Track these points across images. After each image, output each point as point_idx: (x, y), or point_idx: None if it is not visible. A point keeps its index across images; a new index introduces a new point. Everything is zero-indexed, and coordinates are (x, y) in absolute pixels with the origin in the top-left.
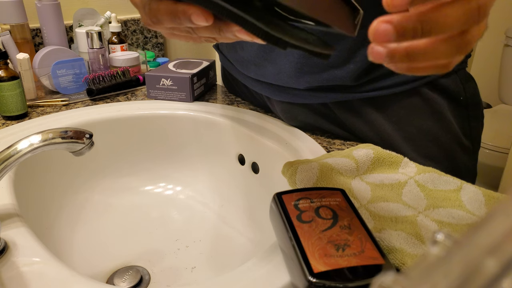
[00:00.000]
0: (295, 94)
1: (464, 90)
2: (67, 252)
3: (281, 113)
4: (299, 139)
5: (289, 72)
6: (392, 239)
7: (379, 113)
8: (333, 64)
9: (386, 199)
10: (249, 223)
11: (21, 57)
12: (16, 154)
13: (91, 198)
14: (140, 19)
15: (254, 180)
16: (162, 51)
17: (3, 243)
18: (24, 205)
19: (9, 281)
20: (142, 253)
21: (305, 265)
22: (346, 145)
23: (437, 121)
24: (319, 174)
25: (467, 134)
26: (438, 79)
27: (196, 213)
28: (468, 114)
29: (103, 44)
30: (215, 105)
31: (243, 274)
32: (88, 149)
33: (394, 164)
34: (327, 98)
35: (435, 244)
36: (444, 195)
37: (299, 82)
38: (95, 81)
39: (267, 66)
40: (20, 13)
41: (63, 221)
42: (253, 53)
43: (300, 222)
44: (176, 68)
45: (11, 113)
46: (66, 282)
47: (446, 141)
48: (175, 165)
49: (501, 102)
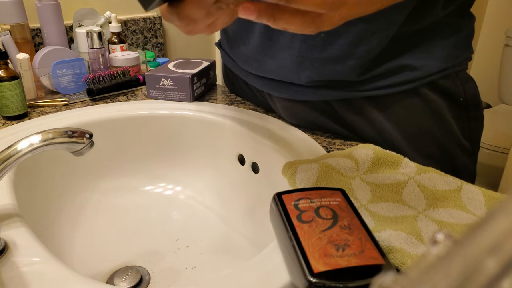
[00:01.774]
0: (297, 91)
1: (464, 91)
2: (67, 252)
3: (282, 110)
4: (299, 139)
5: (290, 66)
6: (392, 239)
7: (379, 112)
8: (333, 59)
9: (386, 199)
10: (249, 223)
11: (21, 57)
12: (16, 154)
13: (91, 198)
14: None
15: (254, 180)
16: (162, 51)
17: (3, 243)
18: (24, 205)
19: (9, 281)
20: (142, 253)
21: (305, 265)
22: (346, 145)
23: (437, 122)
24: (319, 174)
25: (466, 135)
26: (438, 80)
27: (196, 213)
28: (468, 115)
29: (103, 44)
30: (215, 105)
31: (243, 274)
32: (88, 149)
33: (394, 164)
34: (328, 95)
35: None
36: (444, 195)
37: (300, 77)
38: (95, 81)
39: (268, 61)
40: (20, 13)
41: (63, 221)
42: (254, 49)
43: (300, 222)
44: (176, 68)
45: (11, 113)
46: (66, 282)
47: (446, 141)
48: (175, 165)
49: (501, 102)
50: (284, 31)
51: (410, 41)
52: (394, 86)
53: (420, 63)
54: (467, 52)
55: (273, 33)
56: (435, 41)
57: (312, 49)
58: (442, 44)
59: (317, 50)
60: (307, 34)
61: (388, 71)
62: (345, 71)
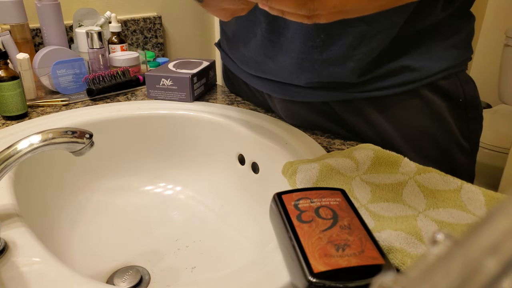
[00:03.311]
0: (296, 92)
1: (463, 92)
2: (67, 252)
3: (281, 111)
4: (299, 139)
5: (290, 68)
6: (392, 239)
7: (379, 113)
8: (333, 61)
9: (386, 199)
10: (249, 223)
11: (21, 57)
12: (16, 154)
13: (91, 198)
14: None
15: (254, 180)
16: (162, 51)
17: (3, 243)
18: (24, 205)
19: (9, 281)
20: (142, 253)
21: (305, 265)
22: (346, 145)
23: (436, 122)
24: (319, 174)
25: (466, 136)
26: (437, 81)
27: (196, 213)
28: (467, 116)
29: (103, 44)
30: (215, 105)
31: (243, 274)
32: (88, 149)
33: (394, 164)
34: (327, 96)
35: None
36: (444, 195)
37: (299, 78)
38: (95, 81)
39: (268, 63)
40: (20, 13)
41: (63, 221)
42: (255, 50)
43: (300, 222)
44: (176, 68)
45: (11, 113)
46: (66, 282)
47: (445, 142)
48: (175, 165)
49: (501, 102)
50: (284, 32)
51: (409, 42)
52: (394, 87)
53: (420, 64)
54: (467, 53)
55: (273, 34)
56: (435, 42)
57: (312, 50)
58: (442, 44)
59: (317, 52)
60: (307, 36)
61: (387, 72)
62: (345, 73)
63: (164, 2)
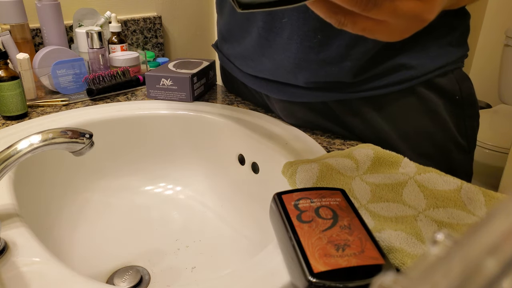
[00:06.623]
0: (294, 93)
1: (460, 90)
2: (67, 252)
3: (280, 111)
4: (299, 139)
5: (287, 67)
6: (392, 239)
7: (376, 112)
8: (330, 61)
9: (386, 199)
10: (249, 223)
11: (21, 57)
12: (16, 154)
13: (91, 198)
14: None
15: (254, 180)
16: (162, 51)
17: (3, 243)
18: (24, 205)
19: (9, 281)
20: (142, 253)
21: (305, 265)
22: (346, 145)
23: (433, 120)
24: (319, 174)
25: (462, 134)
26: (434, 79)
27: (196, 213)
28: (464, 114)
29: (103, 44)
30: (215, 105)
31: (243, 274)
32: (88, 149)
33: (394, 164)
34: (324, 97)
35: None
36: (444, 195)
37: (297, 78)
38: (95, 81)
39: (265, 62)
40: (20, 13)
41: (63, 221)
42: (251, 49)
43: (300, 222)
44: (176, 68)
45: (11, 113)
46: (66, 282)
47: (442, 140)
48: (175, 165)
49: (501, 102)
50: (281, 32)
51: (405, 40)
52: (390, 85)
53: (416, 62)
54: (463, 50)
55: (269, 34)
56: (431, 40)
57: (309, 50)
58: (438, 42)
59: (314, 52)
60: (304, 36)
61: (384, 71)
62: (342, 72)
63: (164, 2)
